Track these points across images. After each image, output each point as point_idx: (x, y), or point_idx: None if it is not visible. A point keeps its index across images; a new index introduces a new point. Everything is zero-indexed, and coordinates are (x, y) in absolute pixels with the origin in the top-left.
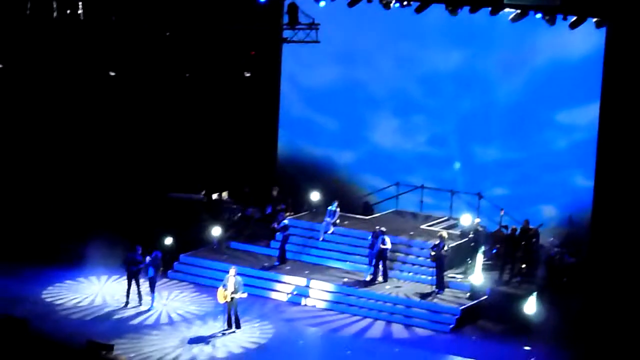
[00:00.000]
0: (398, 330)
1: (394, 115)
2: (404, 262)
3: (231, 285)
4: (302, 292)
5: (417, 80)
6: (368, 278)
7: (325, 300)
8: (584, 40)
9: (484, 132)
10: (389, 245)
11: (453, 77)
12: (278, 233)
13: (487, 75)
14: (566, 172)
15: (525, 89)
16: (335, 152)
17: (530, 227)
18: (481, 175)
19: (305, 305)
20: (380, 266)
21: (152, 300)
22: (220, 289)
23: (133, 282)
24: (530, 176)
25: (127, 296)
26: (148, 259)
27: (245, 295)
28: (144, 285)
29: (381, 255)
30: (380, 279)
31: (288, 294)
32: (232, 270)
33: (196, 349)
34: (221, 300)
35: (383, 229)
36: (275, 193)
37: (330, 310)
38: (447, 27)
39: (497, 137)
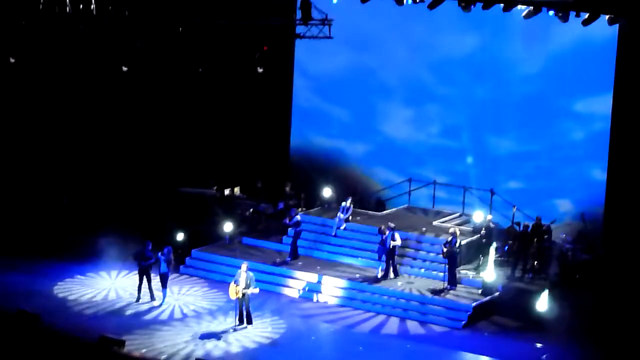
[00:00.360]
0: (410, 326)
1: (407, 106)
2: (416, 258)
3: (243, 280)
4: (314, 288)
5: (430, 67)
6: (379, 274)
7: (337, 296)
8: (604, 25)
9: (498, 123)
10: (398, 242)
11: (466, 64)
12: (290, 229)
13: (502, 61)
14: (583, 165)
15: (542, 76)
16: (348, 147)
17: (543, 223)
18: (495, 168)
19: (317, 301)
20: (390, 262)
21: (164, 295)
22: (232, 285)
23: (144, 277)
24: (545, 169)
25: (139, 291)
26: (160, 254)
27: (257, 290)
28: (155, 280)
29: (391, 251)
30: (391, 275)
31: (300, 289)
32: (244, 266)
33: (209, 344)
34: (233, 297)
35: (392, 224)
36: (287, 189)
37: (342, 306)
38: (461, 11)
39: (512, 127)
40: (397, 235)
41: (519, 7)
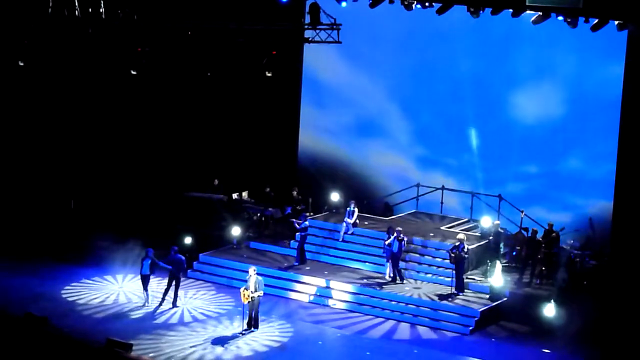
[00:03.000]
0: (417, 331)
1: (409, 80)
2: (423, 264)
3: (252, 284)
4: (322, 293)
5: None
6: (388, 277)
7: (345, 301)
8: None
9: (512, 76)
10: (404, 246)
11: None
12: (297, 233)
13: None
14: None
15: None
16: (356, 151)
17: (554, 230)
18: (509, 148)
19: (326, 305)
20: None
21: (146, 297)
22: (243, 290)
23: (173, 282)
24: (572, 143)
25: (164, 295)
26: (143, 257)
27: (261, 293)
28: (137, 281)
29: (395, 255)
30: (398, 279)
31: (307, 294)
32: (252, 270)
33: (216, 348)
34: (245, 301)
35: (400, 229)
36: (295, 193)
37: (350, 310)
38: None
39: (530, 83)
40: (405, 240)
41: (528, 12)
